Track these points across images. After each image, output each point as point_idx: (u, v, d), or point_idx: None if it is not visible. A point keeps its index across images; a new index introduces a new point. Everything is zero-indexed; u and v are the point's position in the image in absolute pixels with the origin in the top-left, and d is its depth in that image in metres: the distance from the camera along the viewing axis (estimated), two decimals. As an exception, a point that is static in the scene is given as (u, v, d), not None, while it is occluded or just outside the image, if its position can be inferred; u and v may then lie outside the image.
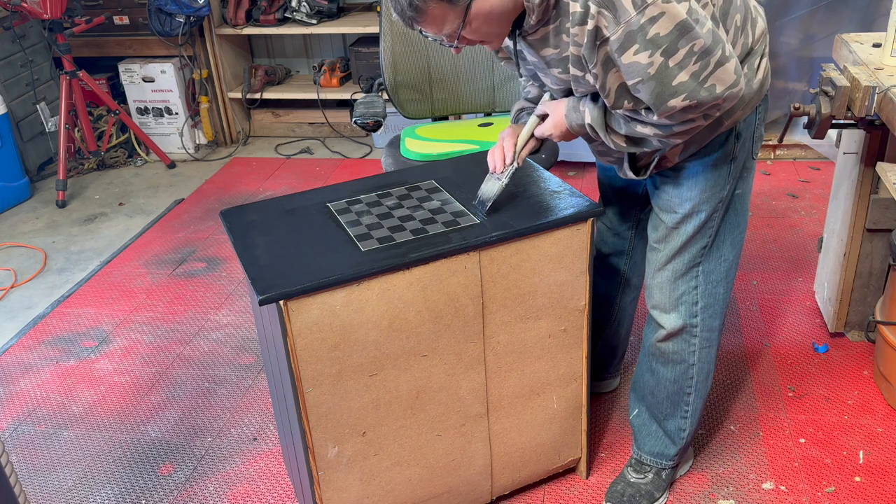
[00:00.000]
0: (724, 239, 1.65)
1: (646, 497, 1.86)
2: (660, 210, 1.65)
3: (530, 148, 1.63)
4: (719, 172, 1.57)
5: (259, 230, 1.59)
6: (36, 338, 2.69)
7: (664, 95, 1.30)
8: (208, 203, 3.66)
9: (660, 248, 1.67)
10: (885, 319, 2.12)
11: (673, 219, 1.62)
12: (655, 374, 1.80)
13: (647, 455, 1.88)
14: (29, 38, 3.85)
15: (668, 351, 1.75)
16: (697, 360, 1.75)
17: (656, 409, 1.83)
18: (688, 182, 1.58)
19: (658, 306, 1.72)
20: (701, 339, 1.72)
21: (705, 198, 1.58)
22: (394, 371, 1.55)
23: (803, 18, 3.39)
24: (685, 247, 1.64)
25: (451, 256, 1.49)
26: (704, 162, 1.56)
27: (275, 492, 2.00)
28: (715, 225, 1.62)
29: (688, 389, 1.78)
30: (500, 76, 2.56)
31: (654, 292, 1.71)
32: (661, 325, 1.72)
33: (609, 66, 1.32)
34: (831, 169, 3.40)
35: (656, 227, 1.68)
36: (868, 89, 1.85)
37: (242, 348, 2.57)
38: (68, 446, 2.19)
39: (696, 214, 1.60)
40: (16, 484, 1.31)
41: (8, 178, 3.69)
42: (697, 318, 1.70)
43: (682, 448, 1.86)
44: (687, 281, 1.67)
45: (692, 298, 1.68)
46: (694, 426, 1.84)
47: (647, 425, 1.87)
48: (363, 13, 4.15)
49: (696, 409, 1.82)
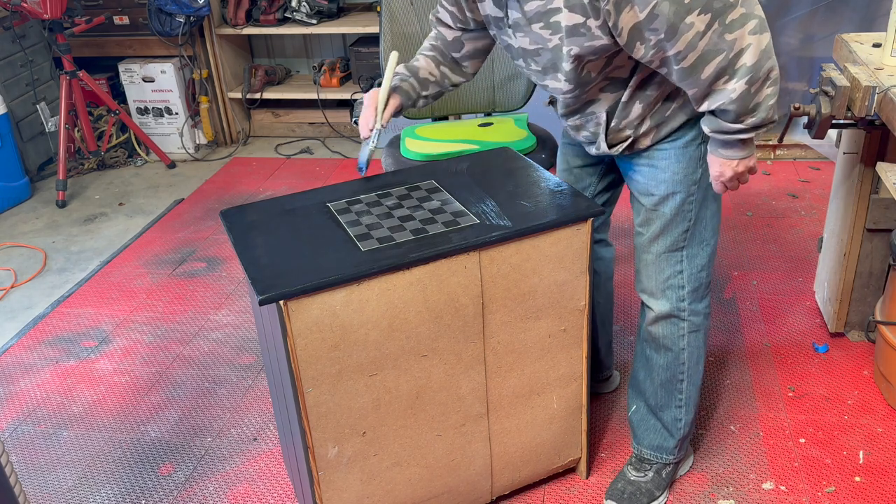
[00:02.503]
0: (706, 224, 1.70)
1: (646, 495, 1.87)
2: (639, 194, 1.71)
3: (392, 107, 1.70)
4: (691, 155, 1.62)
5: (259, 230, 1.59)
6: (36, 338, 2.69)
7: (680, 13, 1.31)
8: (208, 203, 3.66)
9: (643, 231, 1.73)
10: (885, 319, 2.12)
11: (651, 201, 1.68)
12: (649, 362, 1.84)
13: (646, 449, 1.89)
14: (29, 38, 3.85)
15: (658, 335, 1.78)
16: (687, 344, 1.78)
17: (653, 399, 1.86)
18: (662, 164, 1.64)
19: (646, 290, 1.76)
20: (689, 324, 1.76)
21: (679, 179, 1.64)
22: (394, 371, 1.55)
23: (803, 18, 3.39)
24: (666, 229, 1.68)
25: (451, 256, 1.49)
26: (676, 145, 1.62)
27: (275, 492, 2.00)
28: (693, 209, 1.67)
29: (680, 376, 1.82)
30: (500, 76, 2.56)
31: (641, 276, 1.76)
32: (650, 308, 1.77)
33: (623, 3, 1.32)
34: (831, 169, 3.40)
35: (637, 211, 1.73)
36: (868, 89, 1.85)
37: (242, 348, 2.57)
38: (68, 446, 2.19)
39: (673, 196, 1.65)
40: (16, 484, 1.31)
41: (8, 178, 3.69)
42: (685, 303, 1.74)
43: (681, 440, 1.87)
44: (672, 265, 1.71)
45: (678, 282, 1.72)
46: (690, 416, 1.86)
47: (645, 420, 1.89)
48: (363, 13, 4.15)
49: (691, 398, 1.84)
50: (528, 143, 2.34)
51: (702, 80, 1.40)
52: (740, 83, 1.38)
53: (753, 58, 1.37)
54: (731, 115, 1.44)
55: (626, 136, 1.62)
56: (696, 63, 1.37)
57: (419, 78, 1.74)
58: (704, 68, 1.38)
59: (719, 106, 1.43)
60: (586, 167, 1.87)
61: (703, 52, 1.36)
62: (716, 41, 1.35)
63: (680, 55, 1.37)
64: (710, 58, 1.36)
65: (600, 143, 1.64)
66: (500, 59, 2.54)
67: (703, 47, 1.35)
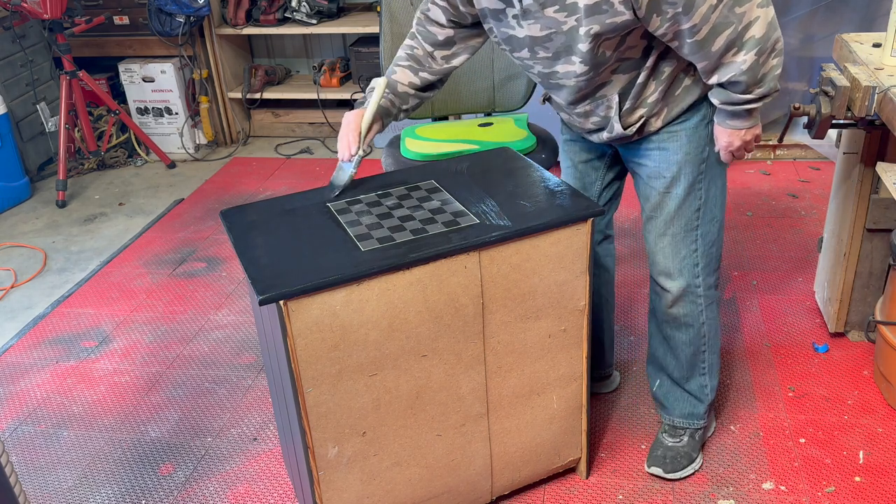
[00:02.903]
0: (716, 200, 1.75)
1: (685, 458, 1.95)
2: (649, 178, 1.75)
3: (374, 132, 1.70)
4: (699, 134, 1.67)
5: (259, 230, 1.59)
6: (36, 338, 2.69)
7: None
8: (208, 203, 3.66)
9: (656, 215, 1.77)
10: (885, 319, 2.12)
11: (662, 183, 1.72)
12: (671, 341, 1.89)
13: (679, 419, 1.97)
14: (29, 38, 3.85)
15: (678, 315, 1.84)
16: (706, 318, 1.85)
17: (678, 373, 1.93)
18: (673, 146, 1.68)
19: (663, 272, 1.80)
20: (705, 298, 1.83)
21: (689, 159, 1.69)
22: (394, 371, 1.55)
23: (803, 18, 3.39)
24: (680, 210, 1.73)
25: (451, 256, 1.49)
26: (686, 126, 1.67)
27: (275, 492, 2.00)
28: (703, 187, 1.72)
29: (703, 348, 1.89)
30: (500, 76, 2.56)
31: (657, 258, 1.80)
32: (666, 290, 1.81)
33: None
34: (831, 169, 3.40)
35: (648, 196, 1.77)
36: (868, 89, 1.85)
37: (242, 348, 2.57)
38: (68, 446, 2.19)
39: (683, 176, 1.70)
40: (16, 484, 1.31)
41: (8, 178, 3.69)
42: (699, 279, 1.80)
43: (710, 404, 1.97)
44: (687, 245, 1.76)
45: (693, 261, 1.78)
46: (715, 381, 1.95)
47: (671, 392, 1.97)
48: (363, 13, 4.15)
49: (714, 364, 1.93)
50: (528, 143, 2.34)
51: (712, 53, 1.45)
52: (750, 55, 1.44)
53: (762, 30, 1.43)
54: (742, 87, 1.50)
55: (640, 117, 1.65)
56: (708, 36, 1.42)
57: (398, 93, 1.74)
58: (715, 40, 1.43)
59: (730, 78, 1.48)
60: (591, 161, 1.89)
61: (715, 24, 1.41)
62: (726, 14, 1.40)
63: (695, 28, 1.41)
64: (721, 30, 1.42)
65: (613, 125, 1.66)
66: (499, 59, 2.54)
67: (714, 20, 1.40)
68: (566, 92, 1.65)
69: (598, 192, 1.93)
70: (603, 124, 1.69)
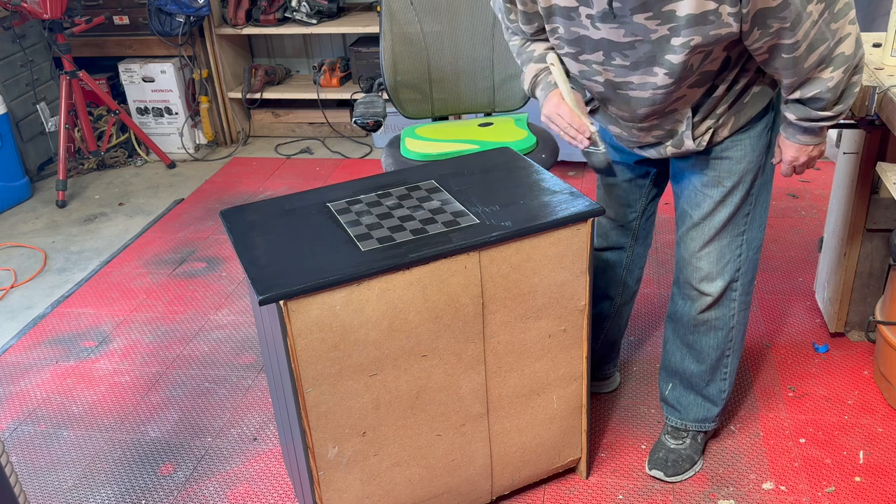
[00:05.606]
0: (764, 206, 1.74)
1: (687, 461, 1.95)
2: (704, 187, 1.70)
3: (580, 99, 1.63)
4: (762, 143, 1.65)
5: (259, 230, 1.59)
6: (36, 338, 2.69)
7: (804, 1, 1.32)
8: (208, 203, 3.66)
9: (705, 223, 1.73)
10: (885, 319, 2.12)
11: (720, 192, 1.68)
12: (695, 347, 1.87)
13: (692, 423, 1.96)
14: (29, 38, 3.85)
15: (710, 319, 1.82)
16: (737, 322, 1.84)
17: (697, 379, 1.91)
18: (736, 155, 1.65)
19: (706, 277, 1.77)
20: (740, 303, 1.81)
21: (750, 168, 1.66)
22: (394, 371, 1.55)
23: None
24: (733, 217, 1.70)
25: (451, 256, 1.49)
26: (751, 134, 1.64)
27: (275, 492, 2.00)
28: (755, 192, 1.70)
29: (728, 352, 1.87)
30: (500, 76, 2.56)
31: (700, 264, 1.76)
32: (706, 294, 1.78)
33: None
34: (831, 169, 3.40)
35: (699, 204, 1.72)
36: (868, 89, 1.85)
37: (242, 348, 2.57)
38: (68, 446, 2.19)
39: (743, 184, 1.67)
40: (16, 484, 1.31)
41: (8, 178, 3.69)
42: (738, 283, 1.78)
43: (723, 408, 1.96)
44: (733, 250, 1.74)
45: (735, 265, 1.76)
46: (732, 385, 1.94)
47: (684, 396, 1.95)
48: (363, 13, 4.15)
49: (734, 369, 1.92)
50: (528, 143, 2.34)
51: (804, 69, 1.42)
52: (837, 72, 1.42)
53: (851, 47, 1.40)
54: (823, 104, 1.47)
55: (707, 129, 1.61)
56: (804, 52, 1.39)
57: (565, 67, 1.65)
58: (809, 56, 1.40)
59: (814, 94, 1.45)
60: (635, 179, 1.86)
61: (812, 40, 1.38)
62: (823, 30, 1.37)
63: (796, 45, 1.38)
64: (816, 46, 1.39)
65: (683, 140, 1.61)
66: (500, 59, 2.54)
67: (812, 36, 1.37)
68: (637, 103, 1.56)
69: (640, 210, 1.91)
70: (667, 137, 1.64)
